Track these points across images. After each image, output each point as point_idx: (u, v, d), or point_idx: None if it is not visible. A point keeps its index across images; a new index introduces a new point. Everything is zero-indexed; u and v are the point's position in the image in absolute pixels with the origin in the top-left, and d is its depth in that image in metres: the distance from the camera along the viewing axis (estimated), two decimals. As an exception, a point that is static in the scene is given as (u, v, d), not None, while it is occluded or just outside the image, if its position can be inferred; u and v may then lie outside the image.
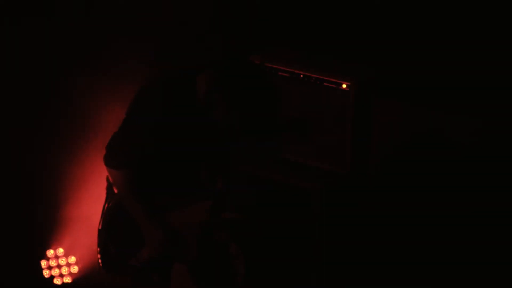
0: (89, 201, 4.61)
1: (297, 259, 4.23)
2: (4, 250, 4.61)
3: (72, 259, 4.82)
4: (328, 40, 4.39)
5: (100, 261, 3.61)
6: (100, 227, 3.61)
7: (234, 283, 3.73)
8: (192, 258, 3.60)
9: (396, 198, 4.21)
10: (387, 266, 4.21)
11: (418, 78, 4.20)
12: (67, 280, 4.83)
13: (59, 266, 4.80)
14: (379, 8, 4.29)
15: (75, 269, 4.83)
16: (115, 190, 3.57)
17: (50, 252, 4.77)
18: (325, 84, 4.08)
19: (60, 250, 4.78)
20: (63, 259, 4.79)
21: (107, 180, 3.61)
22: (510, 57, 4.01)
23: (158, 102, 3.33)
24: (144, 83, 3.40)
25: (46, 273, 4.79)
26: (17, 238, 4.62)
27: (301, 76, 4.14)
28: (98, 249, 3.62)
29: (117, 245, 3.61)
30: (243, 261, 3.70)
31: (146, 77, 3.46)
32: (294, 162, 4.27)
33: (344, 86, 4.03)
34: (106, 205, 3.62)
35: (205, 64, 3.35)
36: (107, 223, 3.60)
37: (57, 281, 4.82)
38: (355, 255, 4.23)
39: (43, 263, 4.78)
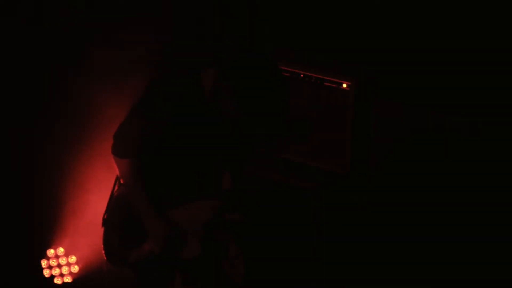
0: (90, 200, 4.61)
1: (297, 259, 4.23)
2: (4, 250, 4.61)
3: (73, 259, 4.82)
4: (328, 40, 4.39)
5: (104, 253, 3.62)
6: (105, 217, 3.62)
7: (234, 283, 3.74)
8: (194, 257, 3.60)
9: (396, 198, 4.21)
10: (387, 266, 4.21)
11: (418, 78, 4.20)
12: (68, 279, 4.83)
13: (59, 266, 4.80)
14: (379, 8, 4.28)
15: (75, 269, 4.83)
16: (121, 181, 3.58)
17: (51, 252, 4.77)
18: (325, 84, 4.08)
19: (61, 250, 4.78)
20: (64, 259, 4.79)
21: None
22: (510, 57, 4.01)
23: (167, 96, 3.36)
24: (152, 78, 3.43)
25: (46, 273, 4.79)
26: (17, 238, 4.62)
27: (301, 76, 4.14)
28: (103, 241, 3.63)
29: (119, 237, 3.61)
30: (243, 261, 3.70)
31: (151, 76, 3.47)
32: (294, 162, 4.27)
33: (344, 86, 4.03)
34: (112, 196, 3.63)
35: (210, 62, 3.36)
36: (111, 213, 3.61)
37: (57, 281, 4.82)
38: (355, 255, 4.23)
39: (43, 263, 4.77)
